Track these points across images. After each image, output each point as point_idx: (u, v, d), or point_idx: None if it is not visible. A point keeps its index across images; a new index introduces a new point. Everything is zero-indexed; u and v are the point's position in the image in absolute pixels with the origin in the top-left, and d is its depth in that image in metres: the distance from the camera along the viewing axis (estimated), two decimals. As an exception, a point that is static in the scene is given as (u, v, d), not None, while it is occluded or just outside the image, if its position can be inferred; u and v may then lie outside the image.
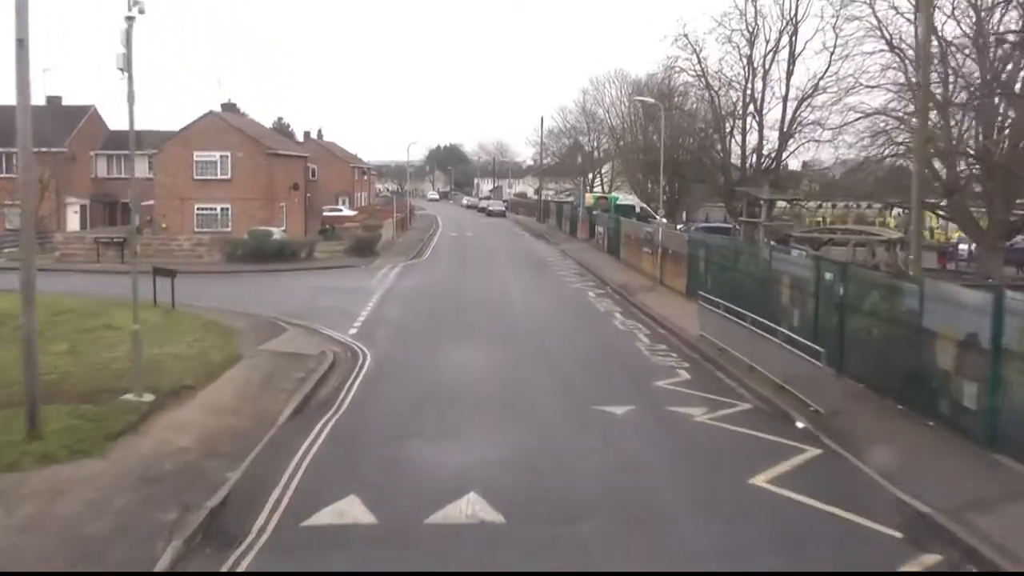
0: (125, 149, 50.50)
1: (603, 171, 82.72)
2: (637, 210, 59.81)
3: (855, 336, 17.22)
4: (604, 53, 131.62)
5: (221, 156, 46.50)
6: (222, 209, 46.69)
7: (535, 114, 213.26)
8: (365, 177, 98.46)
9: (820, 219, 71.26)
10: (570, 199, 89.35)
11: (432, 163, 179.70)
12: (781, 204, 63.82)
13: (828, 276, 18.74)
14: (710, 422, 14.53)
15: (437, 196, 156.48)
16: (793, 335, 17.00)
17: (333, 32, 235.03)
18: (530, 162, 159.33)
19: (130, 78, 14.46)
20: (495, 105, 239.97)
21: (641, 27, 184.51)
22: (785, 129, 41.68)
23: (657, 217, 60.99)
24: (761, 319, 18.84)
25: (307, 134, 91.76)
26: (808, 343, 16.44)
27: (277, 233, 41.26)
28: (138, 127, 15.31)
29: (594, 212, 58.79)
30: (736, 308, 20.07)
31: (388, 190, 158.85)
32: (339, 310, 26.60)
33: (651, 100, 40.32)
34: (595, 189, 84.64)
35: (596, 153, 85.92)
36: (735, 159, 45.06)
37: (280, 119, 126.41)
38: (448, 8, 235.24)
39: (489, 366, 19.10)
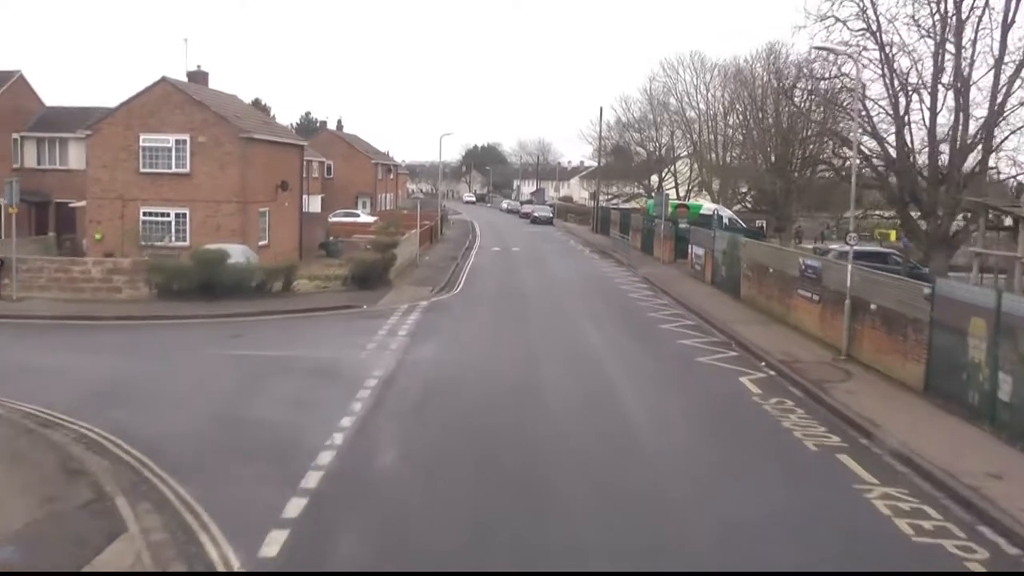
0: (62, 131, 37.37)
1: (676, 171, 68.55)
2: (725, 222, 46.24)
3: None
4: (651, 48, 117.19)
5: (176, 141, 33.17)
6: (177, 215, 33.38)
7: (581, 111, 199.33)
8: (391, 175, 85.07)
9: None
10: (628, 205, 75.57)
11: (469, 163, 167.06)
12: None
13: None
14: None
15: (473, 199, 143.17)
16: None
17: (370, 30, 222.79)
18: (576, 163, 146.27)
19: None
20: (537, 102, 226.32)
21: (709, 14, 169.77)
22: (996, 107, 27.59)
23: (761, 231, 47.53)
24: None
25: (323, 124, 78.57)
26: None
27: (239, 254, 27.80)
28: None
29: (681, 225, 44.85)
30: None
31: (421, 191, 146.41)
32: (278, 442, 13.01)
33: (842, 49, 26.21)
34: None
35: (660, 151, 71.69)
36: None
37: (307, 113, 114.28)
38: (487, 3, 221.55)
39: None
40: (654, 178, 71.40)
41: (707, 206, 51.33)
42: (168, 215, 33.59)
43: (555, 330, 23.86)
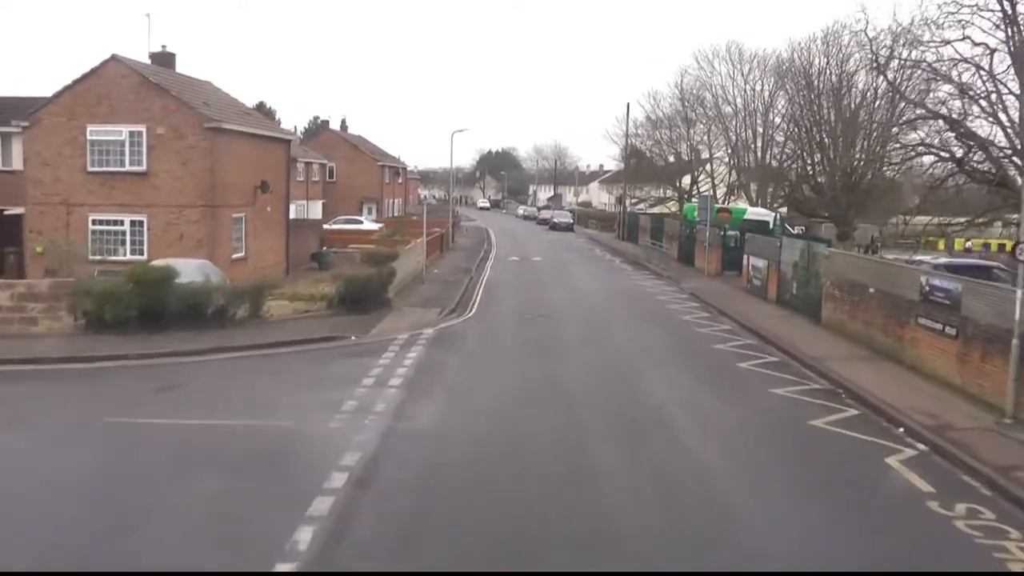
0: (5, 125, 29.72)
1: (713, 171, 62.46)
2: (771, 227, 40.50)
3: None
4: (673, 46, 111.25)
5: (131, 133, 27.46)
6: (133, 223, 27.67)
7: (599, 113, 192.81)
8: (400, 179, 79.22)
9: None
10: (655, 210, 69.62)
11: (483, 168, 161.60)
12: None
13: None
14: None
15: (488, 204, 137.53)
16: None
17: (382, 34, 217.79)
18: (595, 167, 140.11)
19: None
20: (552, 106, 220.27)
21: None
22: None
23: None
24: None
25: (325, 123, 72.95)
26: None
27: (195, 270, 22.01)
28: None
29: (728, 232, 38.91)
30: None
31: (434, 197, 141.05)
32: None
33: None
34: (694, 199, 64.74)
35: (693, 151, 65.51)
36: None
37: (316, 118, 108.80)
38: (499, 5, 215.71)
39: None
40: (686, 180, 65.33)
41: (752, 210, 45.31)
42: (122, 223, 27.87)
43: (602, 373, 17.87)
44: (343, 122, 75.95)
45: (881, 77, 30.44)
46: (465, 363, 18.49)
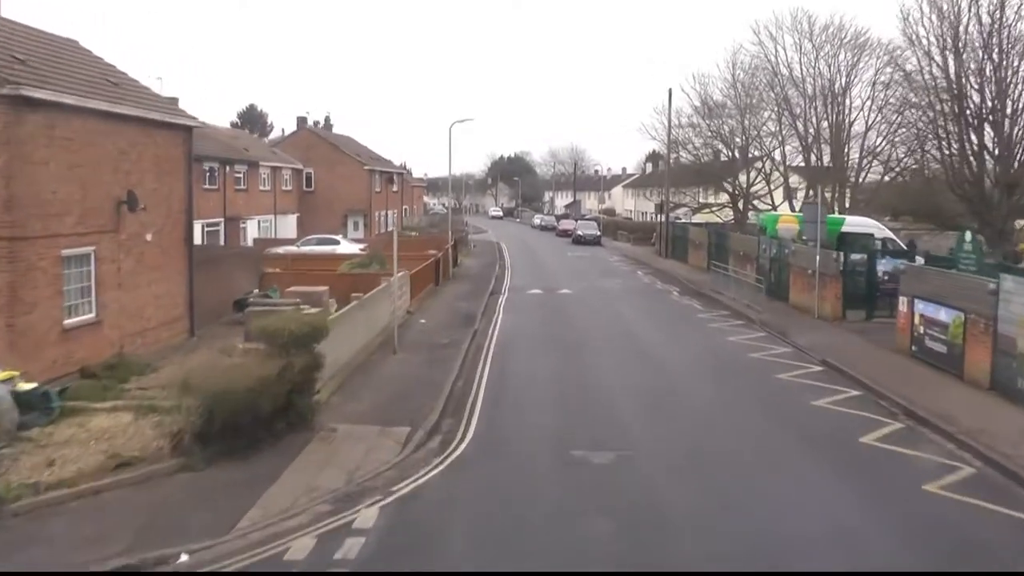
0: None
1: (786, 168, 50.20)
2: (878, 244, 28.82)
3: None
4: (692, 42, 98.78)
5: None
6: None
7: (620, 113, 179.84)
8: (394, 187, 66.87)
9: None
10: (696, 219, 57.76)
11: (495, 174, 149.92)
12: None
13: None
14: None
15: (500, 213, 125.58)
16: None
17: (395, 40, 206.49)
18: (616, 170, 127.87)
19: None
20: (568, 107, 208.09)
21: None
22: None
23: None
24: None
25: (301, 120, 60.92)
26: None
27: None
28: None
29: (852, 256, 26.64)
30: None
31: (443, 206, 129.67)
32: None
33: None
34: (755, 202, 52.65)
35: (754, 142, 53.11)
36: None
37: (317, 123, 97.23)
38: (518, 7, 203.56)
39: None
40: (741, 180, 53.07)
41: (852, 220, 32.98)
42: None
43: None
44: (327, 119, 63.87)
45: None
46: None
